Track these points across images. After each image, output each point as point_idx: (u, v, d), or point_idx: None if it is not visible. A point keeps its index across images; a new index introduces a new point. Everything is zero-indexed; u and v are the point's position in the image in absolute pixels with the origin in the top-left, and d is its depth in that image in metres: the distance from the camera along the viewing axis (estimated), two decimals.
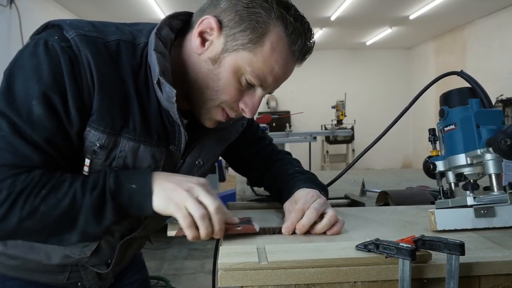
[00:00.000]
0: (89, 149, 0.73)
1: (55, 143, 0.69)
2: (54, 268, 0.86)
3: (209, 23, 0.75)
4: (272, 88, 0.79)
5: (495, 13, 6.31)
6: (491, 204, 0.78)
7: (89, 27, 0.73)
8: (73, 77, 0.69)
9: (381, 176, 1.71)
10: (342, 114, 6.52)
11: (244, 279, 0.60)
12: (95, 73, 0.70)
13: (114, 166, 0.76)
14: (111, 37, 0.74)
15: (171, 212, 0.69)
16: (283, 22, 0.74)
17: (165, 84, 0.72)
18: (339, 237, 0.77)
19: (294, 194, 0.86)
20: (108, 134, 0.73)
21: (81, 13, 6.28)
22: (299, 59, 0.79)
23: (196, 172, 0.90)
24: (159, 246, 3.92)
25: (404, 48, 9.25)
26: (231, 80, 0.75)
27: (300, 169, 1.00)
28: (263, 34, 0.73)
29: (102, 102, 0.71)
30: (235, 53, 0.74)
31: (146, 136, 0.77)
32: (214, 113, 0.81)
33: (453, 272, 0.58)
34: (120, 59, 0.73)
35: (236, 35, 0.73)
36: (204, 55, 0.76)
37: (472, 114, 0.77)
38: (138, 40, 0.76)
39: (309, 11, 6.04)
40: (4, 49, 4.40)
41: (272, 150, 1.08)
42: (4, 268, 0.86)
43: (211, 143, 0.91)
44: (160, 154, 0.80)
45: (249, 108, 0.79)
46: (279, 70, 0.75)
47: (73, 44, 0.69)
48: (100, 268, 0.90)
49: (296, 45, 0.75)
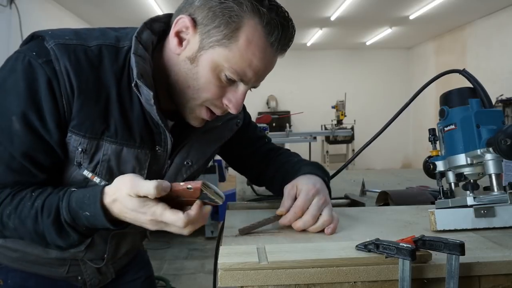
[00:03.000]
0: (73, 154, 0.75)
1: (32, 157, 0.73)
2: (54, 261, 0.88)
3: (184, 22, 0.75)
4: (255, 81, 0.78)
5: (495, 13, 6.31)
6: (491, 204, 0.78)
7: (70, 35, 0.75)
8: (50, 93, 0.71)
9: (381, 176, 1.71)
10: (342, 114, 6.52)
11: (244, 279, 0.60)
12: (74, 81, 0.71)
13: (98, 170, 0.77)
14: (92, 43, 0.75)
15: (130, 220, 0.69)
16: (257, 14, 0.72)
17: (142, 87, 0.73)
18: (339, 237, 0.77)
19: (297, 178, 0.86)
20: (89, 138, 0.74)
21: (81, 13, 6.28)
22: (279, 50, 0.77)
23: (185, 172, 0.90)
24: (159, 246, 3.92)
25: (404, 48, 9.25)
26: (210, 77, 0.75)
27: (301, 158, 1.02)
28: (237, 29, 0.72)
29: (81, 108, 0.72)
30: (211, 50, 0.74)
31: (128, 138, 0.78)
32: (198, 112, 0.81)
33: (453, 272, 0.58)
34: (102, 64, 0.74)
35: (210, 32, 0.73)
36: (182, 55, 0.77)
37: (472, 114, 0.77)
38: (121, 44, 0.77)
39: (309, 11, 6.04)
40: (4, 49, 4.39)
41: (272, 148, 1.09)
42: (7, 260, 0.88)
43: (201, 143, 0.91)
44: (144, 156, 0.81)
45: (233, 104, 0.78)
46: (258, 63, 0.74)
47: (52, 54, 0.71)
48: (97, 263, 0.92)
49: (273, 36, 0.74)
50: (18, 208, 0.71)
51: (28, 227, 0.71)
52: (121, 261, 1.00)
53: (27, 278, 0.88)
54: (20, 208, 0.71)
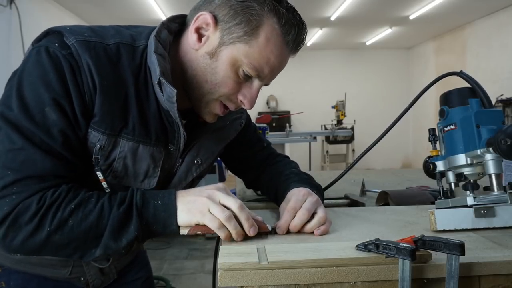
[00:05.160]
0: (90, 151, 0.75)
1: (71, 147, 0.72)
2: (57, 262, 0.88)
3: (205, 18, 0.77)
4: (269, 79, 0.81)
5: (495, 13, 6.31)
6: (491, 204, 0.78)
7: (88, 32, 0.75)
8: (76, 84, 0.71)
9: (381, 176, 1.71)
10: (342, 114, 6.53)
11: (244, 279, 0.60)
12: (96, 77, 0.72)
13: (114, 167, 0.78)
14: (110, 41, 0.76)
15: (197, 221, 0.71)
16: (276, 14, 0.76)
17: (166, 85, 0.74)
18: (339, 237, 0.77)
19: (287, 195, 0.87)
20: (108, 135, 0.75)
21: (81, 13, 6.28)
22: (293, 49, 0.81)
23: (194, 171, 0.92)
24: (159, 246, 3.92)
25: (404, 48, 9.25)
26: (229, 72, 0.77)
27: (296, 170, 1.01)
28: (258, 26, 0.75)
29: (103, 104, 0.73)
30: (231, 45, 0.76)
31: (144, 136, 0.79)
32: (213, 107, 0.83)
33: (453, 272, 0.58)
34: (120, 62, 0.75)
35: (231, 29, 0.76)
36: (201, 50, 0.79)
37: (472, 114, 0.77)
38: (137, 43, 0.79)
39: (309, 11, 6.04)
40: (4, 49, 4.40)
41: (269, 153, 1.09)
42: (9, 262, 0.87)
43: (210, 142, 0.93)
44: (159, 154, 0.82)
45: (247, 100, 0.81)
46: (274, 60, 0.78)
47: (73, 50, 0.72)
48: (101, 263, 0.92)
49: (290, 35, 0.78)
50: (82, 203, 0.69)
51: (89, 222, 0.68)
52: (124, 260, 1.01)
53: (30, 280, 0.88)
54: (84, 204, 0.70)
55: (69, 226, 0.68)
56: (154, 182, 0.83)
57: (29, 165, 0.68)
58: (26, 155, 0.68)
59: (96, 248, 0.70)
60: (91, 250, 0.70)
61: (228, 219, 0.70)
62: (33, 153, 0.68)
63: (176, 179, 0.90)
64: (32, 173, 0.68)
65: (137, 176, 0.81)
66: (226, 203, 0.73)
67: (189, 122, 0.88)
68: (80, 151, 0.74)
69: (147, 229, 0.72)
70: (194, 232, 0.72)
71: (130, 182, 0.81)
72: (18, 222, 0.66)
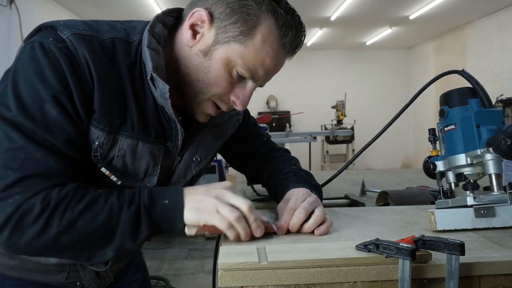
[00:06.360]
0: (89, 148, 0.73)
1: (74, 144, 0.69)
2: (53, 267, 0.86)
3: (200, 15, 0.75)
4: (263, 81, 0.80)
5: (495, 13, 6.31)
6: (491, 204, 0.78)
7: (83, 26, 0.73)
8: (75, 75, 0.69)
9: (381, 176, 1.70)
10: (342, 114, 6.52)
11: (244, 279, 0.60)
12: (93, 71, 0.70)
13: (113, 165, 0.76)
14: (105, 35, 0.74)
15: (205, 221, 0.69)
16: (274, 15, 0.74)
17: (158, 80, 0.72)
18: (339, 237, 0.77)
19: (286, 195, 0.87)
20: (107, 132, 0.73)
21: (81, 13, 6.28)
22: (290, 52, 0.79)
23: (194, 168, 0.90)
24: (159, 246, 3.92)
25: (404, 48, 9.25)
26: (222, 72, 0.75)
27: (295, 168, 1.00)
28: (254, 26, 0.73)
29: (101, 100, 0.71)
30: (226, 45, 0.74)
31: (143, 133, 0.77)
32: (205, 107, 0.81)
33: (453, 272, 0.58)
34: (115, 57, 0.73)
35: (227, 27, 0.73)
36: (195, 48, 0.77)
37: (472, 114, 0.77)
38: (132, 38, 0.76)
39: (309, 11, 6.04)
40: (4, 49, 4.40)
41: (270, 148, 1.09)
42: (4, 268, 0.85)
43: (208, 139, 0.92)
44: (158, 151, 0.81)
45: (240, 101, 0.79)
46: (270, 62, 0.76)
47: (69, 43, 0.69)
48: (99, 266, 0.90)
49: (287, 38, 0.76)
50: (91, 203, 0.67)
51: (99, 222, 0.66)
52: (121, 263, 0.99)
53: (24, 286, 0.86)
54: (93, 204, 0.67)
55: (78, 226, 0.65)
56: (154, 180, 0.82)
57: (31, 164, 0.65)
58: (27, 153, 0.65)
59: (108, 249, 0.68)
60: (100, 251, 0.68)
61: (238, 219, 0.69)
62: (34, 151, 0.65)
63: (175, 177, 0.88)
64: (34, 172, 0.65)
65: (137, 174, 0.80)
66: (235, 203, 0.71)
67: (186, 119, 0.86)
68: (83, 147, 0.72)
69: (156, 227, 0.70)
70: (202, 233, 0.71)
71: (130, 181, 0.79)
72: (23, 223, 0.63)
